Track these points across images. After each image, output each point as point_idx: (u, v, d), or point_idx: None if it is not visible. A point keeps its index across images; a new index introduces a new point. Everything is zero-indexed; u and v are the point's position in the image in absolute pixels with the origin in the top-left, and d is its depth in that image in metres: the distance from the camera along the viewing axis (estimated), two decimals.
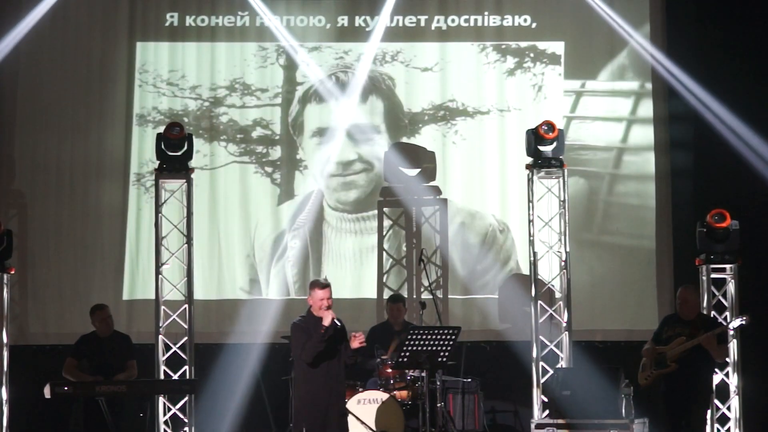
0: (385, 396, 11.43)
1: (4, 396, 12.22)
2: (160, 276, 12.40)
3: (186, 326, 12.38)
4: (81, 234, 13.68)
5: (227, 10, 13.94)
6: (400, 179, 13.82)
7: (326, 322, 9.54)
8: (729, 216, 12.33)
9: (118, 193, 13.73)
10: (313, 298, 9.68)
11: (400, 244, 13.87)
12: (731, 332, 11.93)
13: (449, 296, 13.70)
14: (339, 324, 9.71)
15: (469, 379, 12.61)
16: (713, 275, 12.53)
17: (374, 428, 11.25)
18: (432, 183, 13.84)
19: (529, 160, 12.60)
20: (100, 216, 13.73)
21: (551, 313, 12.59)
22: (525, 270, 13.32)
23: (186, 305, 12.39)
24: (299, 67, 13.93)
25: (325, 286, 9.69)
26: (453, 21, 14.04)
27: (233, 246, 13.77)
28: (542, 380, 12.39)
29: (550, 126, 12.35)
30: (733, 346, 12.26)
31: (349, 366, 9.88)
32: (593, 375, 11.42)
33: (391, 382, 11.68)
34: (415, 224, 13.85)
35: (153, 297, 12.48)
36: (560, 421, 11.21)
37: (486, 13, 14.06)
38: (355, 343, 9.67)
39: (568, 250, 12.57)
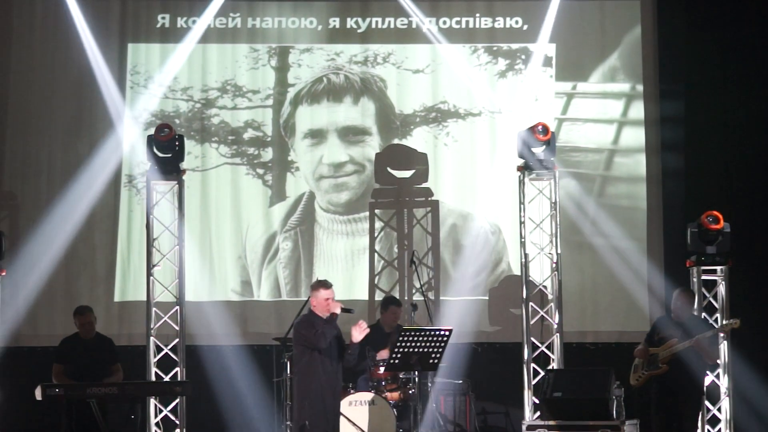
0: (376, 397, 11.43)
1: None
2: (151, 278, 12.39)
3: (177, 328, 12.38)
4: (72, 236, 13.63)
5: (219, 11, 13.91)
6: (392, 181, 13.83)
7: (336, 310, 10.14)
8: (722, 218, 12.34)
9: (109, 194, 13.70)
10: (318, 297, 10.23)
11: (391, 246, 13.87)
12: (722, 335, 11.97)
13: (441, 298, 13.71)
14: (351, 311, 10.35)
15: (461, 381, 12.61)
16: (704, 277, 12.55)
17: (366, 430, 11.25)
18: (423, 185, 13.85)
19: (521, 161, 12.62)
20: (91, 218, 13.69)
21: (542, 315, 12.61)
22: (516, 272, 13.34)
23: (177, 307, 12.38)
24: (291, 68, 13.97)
25: (329, 285, 10.27)
26: (444, 23, 14.05)
27: (225, 248, 13.76)
28: (533, 382, 12.41)
29: (545, 128, 12.36)
30: (723, 348, 12.29)
31: (348, 367, 10.42)
32: (584, 376, 11.42)
33: (383, 383, 11.68)
34: (406, 226, 13.85)
35: (144, 299, 12.46)
36: (551, 422, 11.21)
37: (477, 15, 14.07)
38: (358, 333, 10.15)
39: (559, 251, 12.59)
